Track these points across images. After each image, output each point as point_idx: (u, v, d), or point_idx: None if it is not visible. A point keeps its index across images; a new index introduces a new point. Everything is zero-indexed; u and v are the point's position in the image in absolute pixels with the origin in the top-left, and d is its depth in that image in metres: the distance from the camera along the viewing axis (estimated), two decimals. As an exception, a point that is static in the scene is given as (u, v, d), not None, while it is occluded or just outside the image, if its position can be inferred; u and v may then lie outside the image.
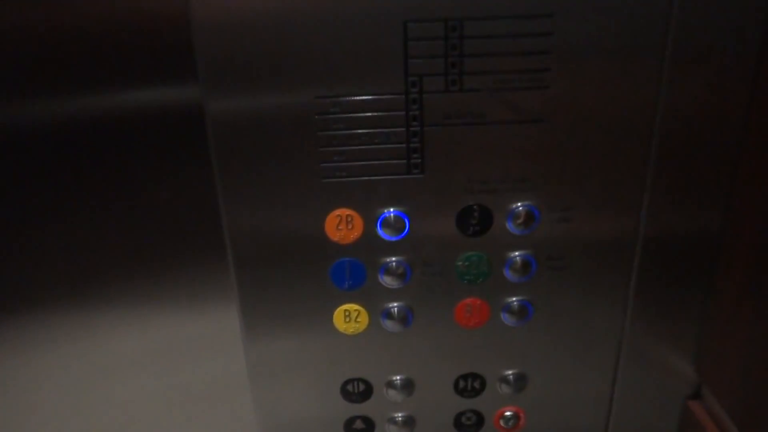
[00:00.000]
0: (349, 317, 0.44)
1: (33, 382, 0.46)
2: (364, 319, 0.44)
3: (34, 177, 0.40)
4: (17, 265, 0.42)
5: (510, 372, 0.46)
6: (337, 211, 0.41)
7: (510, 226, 0.41)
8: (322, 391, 0.47)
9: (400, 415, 0.48)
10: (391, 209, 0.41)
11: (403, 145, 0.39)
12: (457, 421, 0.48)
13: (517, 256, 0.42)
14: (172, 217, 0.42)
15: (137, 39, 0.37)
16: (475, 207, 0.41)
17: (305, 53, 0.36)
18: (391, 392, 0.46)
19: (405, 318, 0.44)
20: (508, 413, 0.48)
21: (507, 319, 0.44)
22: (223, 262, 0.43)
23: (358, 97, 0.38)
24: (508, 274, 0.43)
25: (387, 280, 0.42)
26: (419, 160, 0.39)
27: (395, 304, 0.44)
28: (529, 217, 0.41)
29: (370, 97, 0.38)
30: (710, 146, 0.40)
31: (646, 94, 0.38)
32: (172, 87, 0.38)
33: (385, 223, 0.41)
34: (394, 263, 0.42)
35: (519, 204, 0.41)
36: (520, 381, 0.46)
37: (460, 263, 0.42)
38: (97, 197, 0.41)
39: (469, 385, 0.47)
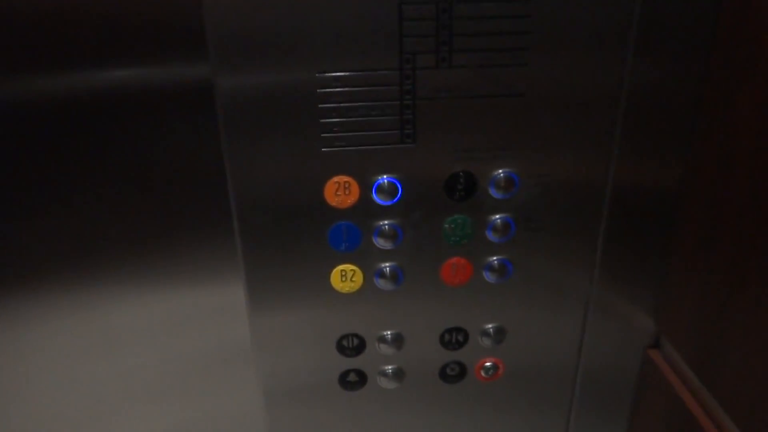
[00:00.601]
0: (345, 277, 0.47)
1: (36, 352, 0.48)
2: (358, 278, 0.48)
3: (44, 150, 0.42)
4: (22, 236, 0.44)
5: (490, 326, 0.51)
6: (336, 178, 0.44)
7: (492, 191, 0.45)
8: (319, 347, 0.50)
9: (390, 367, 0.52)
10: (385, 176, 0.44)
11: (397, 117, 0.43)
12: (443, 372, 0.52)
13: (498, 218, 0.46)
14: (180, 189, 0.44)
15: (149, 15, 0.39)
16: (461, 174, 0.45)
17: (308, 32, 0.39)
18: (383, 346, 0.50)
19: (396, 277, 0.47)
20: (488, 364, 0.52)
21: (489, 276, 0.48)
22: (229, 232, 0.45)
23: (356, 73, 0.41)
24: (490, 236, 0.47)
25: (380, 242, 0.46)
26: (411, 131, 0.43)
27: (387, 264, 0.47)
28: (510, 183, 0.45)
29: (367, 72, 0.41)
30: (669, 116, 0.44)
31: (613, 70, 0.42)
32: (182, 62, 0.41)
33: (380, 189, 0.44)
34: (387, 226, 0.46)
35: (500, 171, 0.45)
36: (500, 334, 0.51)
37: (446, 226, 0.46)
38: (103, 169, 0.43)
39: (454, 338, 0.51)
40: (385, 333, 0.50)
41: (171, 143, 0.43)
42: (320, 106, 0.42)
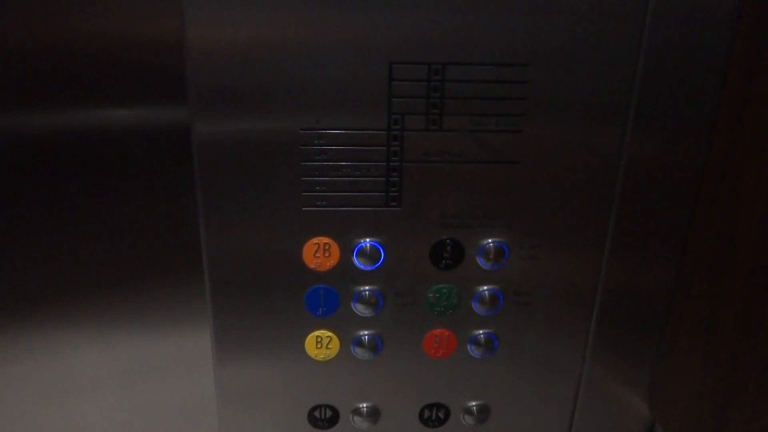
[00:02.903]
0: (321, 343, 0.45)
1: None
2: (335, 345, 0.45)
3: (11, 191, 0.40)
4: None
5: (474, 403, 0.48)
6: (315, 239, 0.42)
7: (480, 261, 0.43)
8: (290, 417, 0.47)
9: (364, 442, 0.49)
10: (368, 239, 0.42)
11: (383, 179, 0.41)
12: (421, 450, 0.49)
13: (486, 290, 0.44)
14: (150, 237, 0.42)
15: (131, 60, 0.38)
16: (448, 241, 0.42)
17: (293, 85, 0.38)
18: (357, 419, 0.47)
19: (375, 346, 0.45)
20: (470, 444, 0.49)
21: (473, 351, 0.45)
22: (199, 283, 0.43)
23: (341, 131, 0.39)
24: (477, 308, 0.44)
25: (360, 308, 0.44)
26: (397, 194, 0.41)
27: (366, 332, 0.45)
28: (499, 254, 0.43)
29: (353, 132, 0.39)
30: (669, 190, 0.42)
31: (611, 141, 0.41)
32: (161, 108, 0.39)
33: (361, 253, 0.42)
34: (367, 292, 0.43)
35: (490, 240, 0.43)
36: (483, 412, 0.48)
37: (431, 295, 0.44)
38: (74, 213, 0.41)
39: (434, 414, 0.48)
40: (360, 405, 0.47)
41: (144, 190, 0.41)
42: (302, 163, 0.40)
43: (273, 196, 0.41)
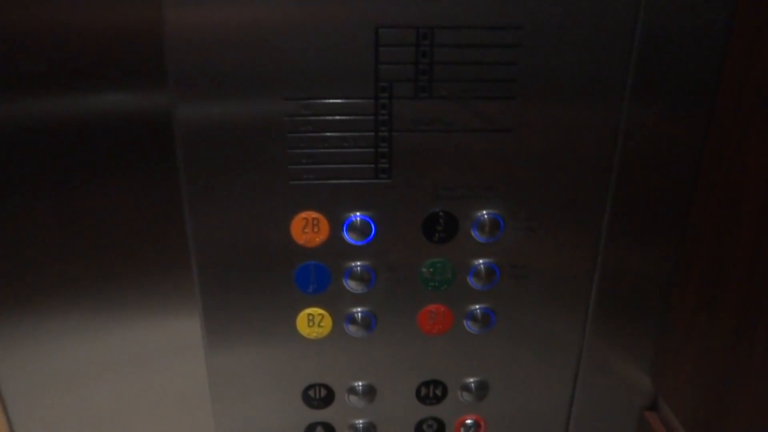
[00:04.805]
0: (313, 321, 0.44)
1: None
2: (327, 323, 0.44)
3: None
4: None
5: (472, 380, 0.47)
6: (304, 214, 0.41)
7: (475, 234, 0.42)
8: (284, 397, 0.46)
9: (361, 422, 0.48)
10: (358, 213, 0.41)
11: (371, 150, 0.39)
12: (419, 429, 0.48)
13: (481, 264, 0.43)
14: (134, 223, 0.41)
15: (109, 45, 0.36)
16: (441, 214, 0.41)
17: (276, 55, 0.36)
18: (353, 398, 0.46)
19: (368, 323, 0.44)
20: (469, 421, 0.48)
21: (470, 326, 0.44)
22: (186, 267, 0.42)
23: (328, 100, 0.38)
24: (472, 282, 0.43)
25: (351, 285, 0.42)
26: (387, 165, 0.40)
27: (359, 309, 0.44)
28: (494, 226, 0.41)
29: (340, 101, 0.38)
30: (670, 159, 0.41)
31: (609, 110, 0.39)
32: (141, 93, 0.38)
33: (351, 227, 0.41)
34: (359, 268, 0.42)
35: (484, 212, 0.41)
36: (482, 389, 0.47)
37: (424, 269, 0.43)
38: (56, 201, 0.40)
39: (431, 392, 0.47)
40: (355, 384, 0.46)
41: (127, 176, 0.40)
42: (288, 135, 0.38)
43: (259, 171, 0.39)
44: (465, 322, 0.44)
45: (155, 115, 0.38)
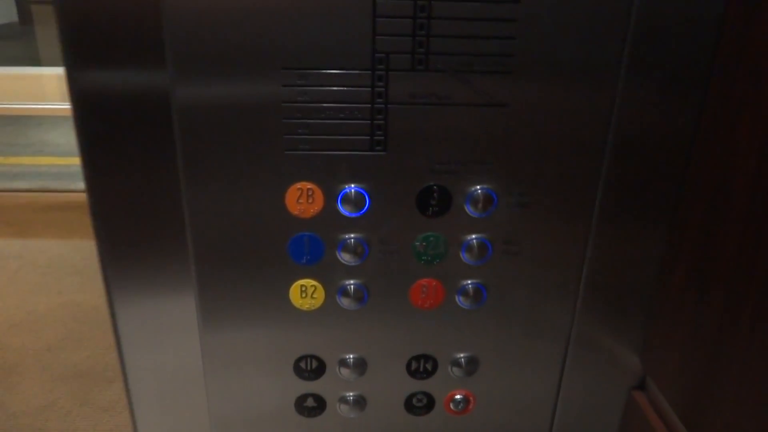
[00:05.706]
0: (306, 293, 0.44)
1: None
2: (320, 295, 0.44)
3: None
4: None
5: (462, 355, 0.47)
6: (299, 184, 0.41)
7: (468, 209, 0.42)
8: (275, 368, 0.47)
9: (351, 394, 0.48)
10: (352, 185, 0.41)
11: (367, 122, 0.39)
12: (408, 403, 0.49)
13: (474, 239, 0.43)
14: (131, 199, 0.41)
15: (108, 24, 0.36)
16: (435, 188, 0.41)
17: (274, 25, 0.36)
18: (344, 370, 0.47)
19: (361, 296, 0.44)
20: (458, 396, 0.48)
21: (461, 301, 0.45)
22: (181, 238, 0.42)
23: (324, 71, 0.38)
24: (465, 257, 0.43)
25: (345, 257, 0.43)
26: (382, 138, 0.40)
27: (351, 282, 0.44)
28: (487, 201, 0.41)
29: (336, 72, 0.38)
30: (664, 137, 0.41)
31: (604, 87, 0.39)
32: (139, 70, 0.38)
33: (346, 199, 0.41)
34: (352, 240, 0.42)
35: (478, 187, 0.41)
36: (472, 364, 0.47)
37: (417, 243, 0.43)
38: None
39: (422, 366, 0.47)
40: (346, 356, 0.46)
41: (125, 147, 0.39)
42: (283, 104, 0.38)
43: (254, 141, 0.39)
44: (456, 297, 0.45)
45: (153, 89, 0.38)
